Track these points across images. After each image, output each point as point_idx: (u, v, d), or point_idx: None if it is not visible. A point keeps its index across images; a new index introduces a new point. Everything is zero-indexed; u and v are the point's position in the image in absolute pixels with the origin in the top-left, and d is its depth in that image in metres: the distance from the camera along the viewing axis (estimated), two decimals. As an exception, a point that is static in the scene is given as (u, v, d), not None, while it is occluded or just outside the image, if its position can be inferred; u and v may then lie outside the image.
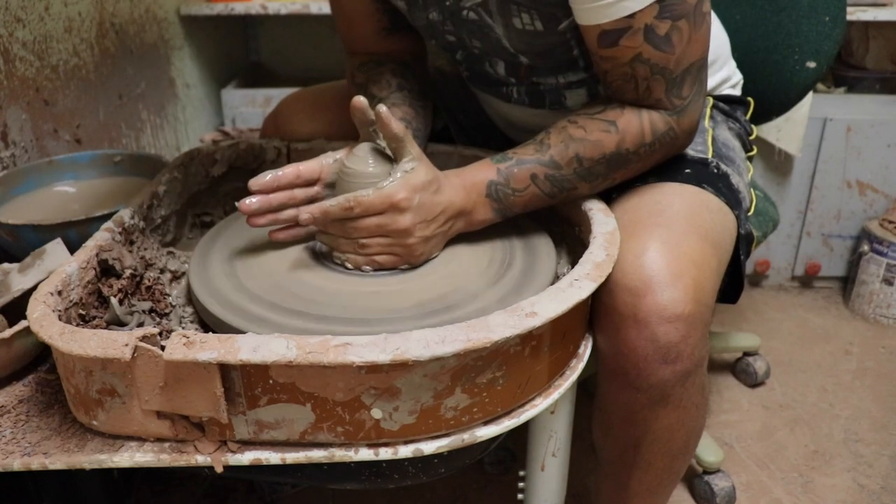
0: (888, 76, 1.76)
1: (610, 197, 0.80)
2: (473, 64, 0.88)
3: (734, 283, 0.82)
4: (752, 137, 0.99)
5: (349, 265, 0.71)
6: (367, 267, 0.71)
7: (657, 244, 0.66)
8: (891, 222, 1.60)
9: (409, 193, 0.67)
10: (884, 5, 1.54)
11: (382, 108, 0.67)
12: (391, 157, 0.71)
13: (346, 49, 0.95)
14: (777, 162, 1.66)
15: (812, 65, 1.08)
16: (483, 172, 0.73)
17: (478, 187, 0.72)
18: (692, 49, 0.70)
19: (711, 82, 0.95)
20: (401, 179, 0.67)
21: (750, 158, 0.98)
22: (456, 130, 1.03)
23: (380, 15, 0.88)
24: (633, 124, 0.73)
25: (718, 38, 0.96)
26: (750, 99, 1.02)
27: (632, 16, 0.66)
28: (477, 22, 0.77)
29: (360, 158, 0.71)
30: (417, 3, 0.80)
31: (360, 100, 0.71)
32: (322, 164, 0.74)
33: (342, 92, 1.05)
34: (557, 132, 0.73)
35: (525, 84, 0.86)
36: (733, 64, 1.02)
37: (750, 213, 0.88)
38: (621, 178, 0.76)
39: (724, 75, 0.98)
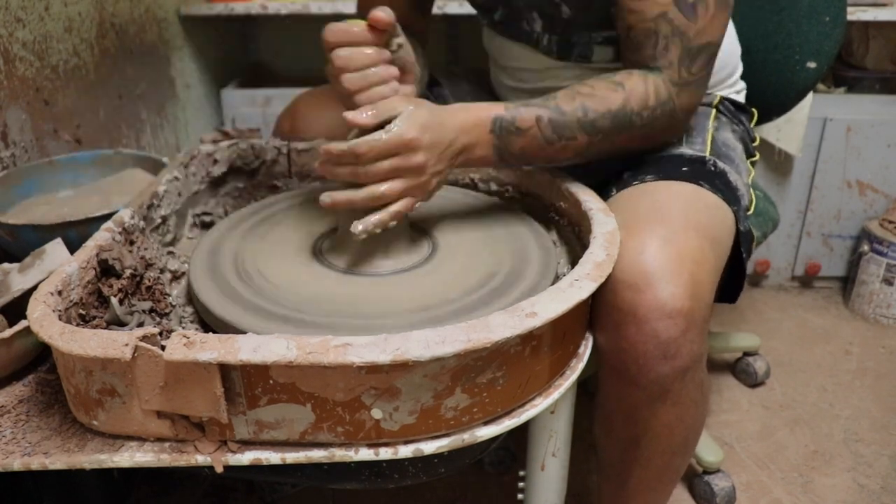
0: (888, 76, 1.76)
1: (610, 194, 0.80)
2: (511, 20, 0.90)
3: (734, 281, 0.83)
4: (755, 144, 1.00)
5: (360, 227, 0.68)
6: (379, 220, 0.69)
7: (656, 241, 0.67)
8: (891, 222, 1.60)
9: (420, 132, 0.68)
10: (884, 5, 1.54)
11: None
12: None
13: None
14: (777, 162, 1.66)
15: (812, 65, 1.08)
16: (491, 109, 0.75)
17: (483, 123, 0.74)
18: (712, 27, 0.74)
19: (722, 87, 0.96)
20: (408, 119, 0.68)
21: (752, 164, 0.99)
22: None
23: None
24: (639, 86, 0.75)
25: (733, 44, 0.97)
26: (754, 109, 1.02)
27: None
28: None
29: None
30: None
31: (387, 10, 0.71)
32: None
33: None
34: (565, 91, 0.76)
35: (557, 34, 0.88)
36: (741, 73, 1.03)
37: (750, 213, 0.88)
38: (620, 144, 0.77)
39: (733, 81, 1.00)
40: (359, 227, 0.68)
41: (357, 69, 0.72)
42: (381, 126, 0.68)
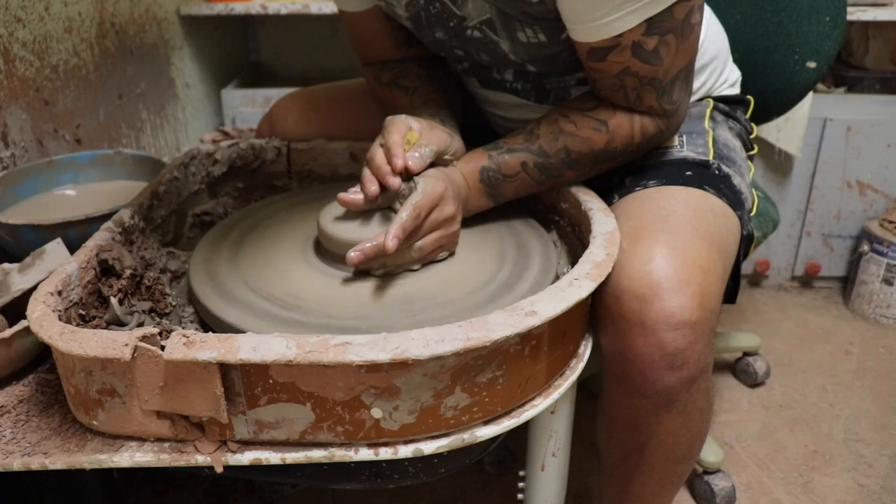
0: (888, 76, 1.76)
1: (612, 201, 0.80)
2: (481, 72, 0.89)
3: (732, 282, 0.82)
4: (752, 136, 0.99)
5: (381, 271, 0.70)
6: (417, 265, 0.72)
7: (664, 250, 0.66)
8: (891, 222, 1.60)
9: (446, 183, 0.71)
10: (884, 5, 1.54)
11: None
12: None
13: (364, 61, 0.96)
14: (777, 162, 1.66)
15: (812, 65, 1.08)
16: (476, 160, 0.76)
17: (472, 174, 0.76)
18: (680, 58, 0.71)
19: (711, 82, 0.95)
20: (433, 176, 0.71)
21: (751, 157, 0.98)
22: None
23: (396, 32, 0.89)
24: (624, 127, 0.75)
25: (718, 37, 0.96)
26: (750, 98, 1.01)
27: (619, 35, 0.67)
28: (482, 39, 0.78)
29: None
30: (423, 24, 0.81)
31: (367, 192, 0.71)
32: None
33: (337, 94, 1.05)
34: (548, 124, 0.76)
35: (531, 83, 0.87)
36: (731, 62, 1.02)
37: (752, 214, 0.88)
38: (607, 168, 0.79)
39: (724, 75, 0.98)
40: (379, 271, 0.70)
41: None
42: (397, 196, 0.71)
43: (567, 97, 0.86)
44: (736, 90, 1.01)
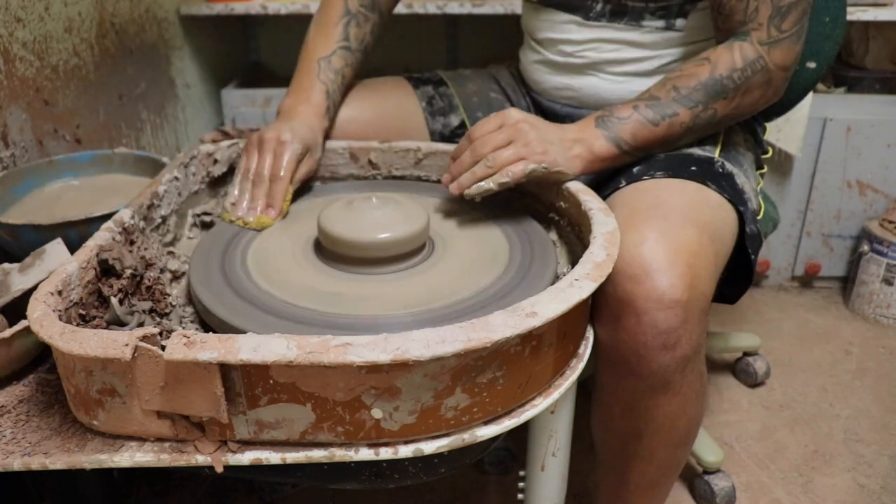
0: (888, 76, 1.76)
1: (617, 188, 0.80)
2: None
3: (741, 282, 0.83)
4: (765, 157, 1.00)
5: (473, 190, 0.76)
6: (504, 177, 0.75)
7: (655, 234, 0.68)
8: (891, 222, 1.60)
9: (521, 115, 0.77)
10: (884, 5, 1.54)
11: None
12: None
13: None
14: (777, 162, 1.66)
15: (812, 65, 1.08)
16: (588, 118, 0.81)
17: (587, 123, 0.80)
18: None
19: None
20: (509, 110, 0.78)
21: (761, 175, 0.99)
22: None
23: None
24: (724, 55, 0.79)
25: None
26: (767, 125, 1.03)
27: None
28: None
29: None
30: None
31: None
32: None
33: (367, 86, 1.05)
34: (654, 84, 0.81)
35: (612, 3, 0.90)
36: None
37: (759, 218, 0.88)
38: (721, 110, 0.80)
39: None
40: (471, 190, 0.76)
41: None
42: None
43: (640, 22, 0.89)
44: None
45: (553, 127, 0.79)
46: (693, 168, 0.80)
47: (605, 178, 0.86)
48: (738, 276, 0.82)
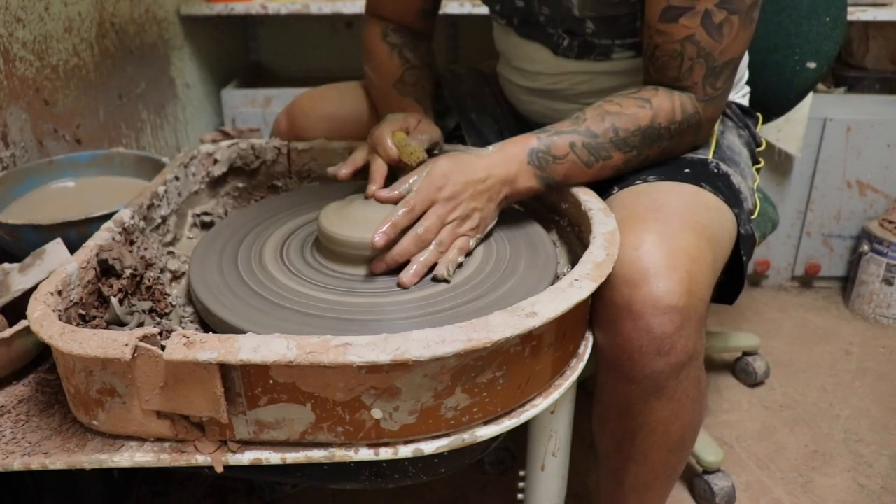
0: (888, 76, 1.76)
1: (609, 194, 0.80)
2: (532, 29, 0.92)
3: (734, 283, 0.83)
4: (760, 149, 1.00)
5: (440, 275, 0.70)
6: (451, 267, 0.71)
7: (653, 237, 0.67)
8: (891, 222, 1.60)
9: (445, 168, 0.72)
10: (884, 5, 1.54)
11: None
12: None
13: (374, 13, 1.00)
14: (777, 162, 1.66)
15: (812, 65, 1.08)
16: (522, 142, 0.77)
17: (518, 156, 0.76)
18: (736, 45, 0.76)
19: (729, 85, 0.97)
20: (430, 164, 0.74)
21: (757, 170, 0.99)
22: (467, 129, 1.04)
23: None
24: (666, 103, 0.78)
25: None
26: (759, 114, 1.03)
27: None
28: None
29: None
30: None
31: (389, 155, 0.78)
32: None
33: (355, 91, 1.05)
34: (593, 109, 0.78)
35: (579, 39, 0.89)
36: (747, 77, 1.04)
37: (754, 217, 0.88)
38: (652, 155, 0.80)
39: (741, 87, 1.01)
40: (441, 272, 0.70)
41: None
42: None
43: (609, 55, 0.89)
44: (746, 102, 1.02)
45: (477, 169, 0.74)
46: (687, 170, 0.80)
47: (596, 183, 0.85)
48: (731, 276, 0.82)
